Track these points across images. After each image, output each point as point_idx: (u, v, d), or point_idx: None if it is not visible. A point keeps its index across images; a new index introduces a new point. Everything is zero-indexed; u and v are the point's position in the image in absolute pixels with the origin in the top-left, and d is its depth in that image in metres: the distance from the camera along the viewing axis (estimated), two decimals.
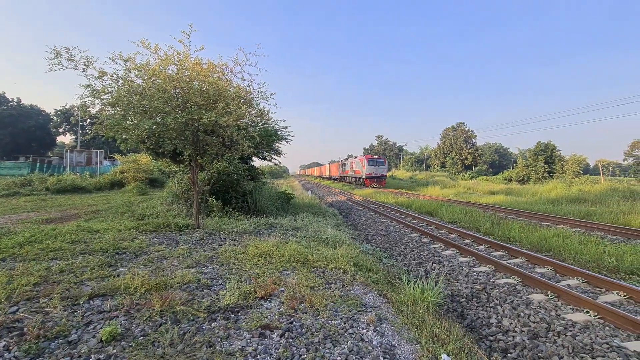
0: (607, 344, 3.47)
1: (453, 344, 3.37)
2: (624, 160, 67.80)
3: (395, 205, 17.38)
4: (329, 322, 3.35)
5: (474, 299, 5.01)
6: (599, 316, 4.04)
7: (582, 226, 10.06)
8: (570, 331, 3.77)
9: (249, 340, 2.84)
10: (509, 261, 6.60)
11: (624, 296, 4.70)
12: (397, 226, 10.95)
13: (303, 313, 3.51)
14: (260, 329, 3.05)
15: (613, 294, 4.81)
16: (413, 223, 11.42)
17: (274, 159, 16.26)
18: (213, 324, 3.09)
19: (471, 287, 5.33)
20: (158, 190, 20.32)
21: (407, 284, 4.80)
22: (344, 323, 3.37)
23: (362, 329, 3.32)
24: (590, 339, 3.57)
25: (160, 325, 2.99)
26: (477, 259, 6.63)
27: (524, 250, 7.16)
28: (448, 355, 3.13)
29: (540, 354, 3.56)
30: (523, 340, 3.82)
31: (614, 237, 8.51)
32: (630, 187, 22.55)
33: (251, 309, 3.49)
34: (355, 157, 40.97)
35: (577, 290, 4.96)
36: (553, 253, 7.48)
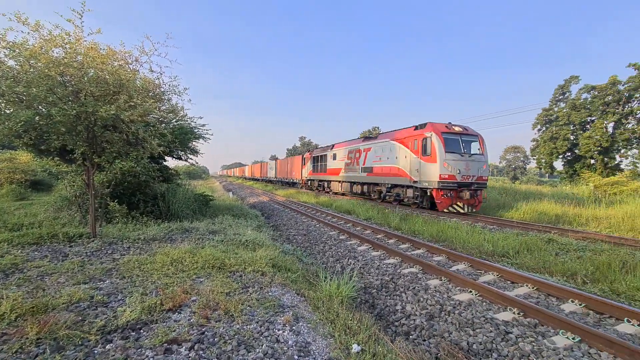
0: (484, 317, 4.17)
1: (363, 333, 3.62)
2: (499, 162, 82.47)
3: (317, 205, 17.90)
4: (245, 327, 3.28)
5: (383, 289, 5.49)
6: (479, 294, 4.83)
7: (469, 218, 11.87)
8: (458, 309, 4.42)
9: (151, 359, 2.60)
10: (412, 252, 7.40)
11: (497, 275, 5.71)
12: (318, 225, 11.31)
13: (217, 321, 3.36)
14: (166, 344, 2.81)
15: (490, 274, 5.80)
16: (332, 222, 11.93)
17: (191, 158, 15.18)
18: (108, 346, 2.73)
19: (381, 279, 5.82)
20: (44, 194, 17.08)
21: (324, 281, 4.99)
22: (260, 326, 3.33)
23: (279, 330, 3.33)
24: (472, 315, 4.24)
25: (37, 356, 2.52)
26: (387, 252, 7.28)
27: (426, 242, 8.12)
28: (358, 344, 3.36)
29: (434, 333, 4.09)
30: (422, 322, 4.34)
31: (492, 226, 10.26)
32: (503, 185, 27.78)
33: (157, 323, 3.19)
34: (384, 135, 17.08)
35: (464, 274, 5.84)
36: (448, 243, 8.65)
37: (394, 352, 3.27)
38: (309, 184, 28.43)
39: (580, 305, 4.44)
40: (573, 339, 3.54)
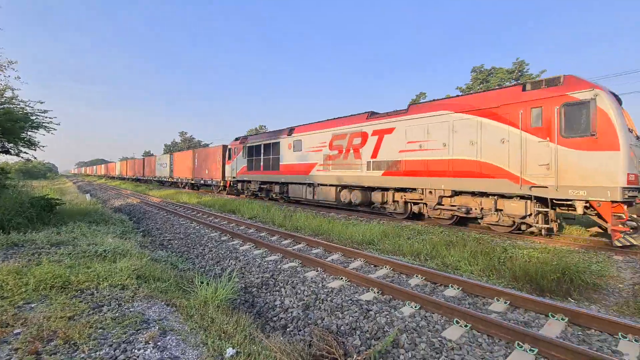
0: (351, 299, 4.67)
1: (239, 335, 3.55)
2: None
3: (198, 206, 16.65)
4: (92, 355, 2.76)
5: (264, 287, 5.52)
6: (348, 280, 5.39)
7: (344, 212, 13.15)
8: (330, 296, 4.82)
9: None
10: (294, 247, 7.70)
11: (364, 261, 6.50)
12: (198, 227, 10.52)
13: (51, 355, 2.72)
14: None
15: (358, 260, 6.55)
16: (215, 222, 11.31)
17: (25, 152, 12.02)
18: None
19: (262, 276, 5.84)
20: None
21: (200, 286, 4.67)
22: (114, 350, 2.87)
23: (139, 349, 2.94)
24: (342, 299, 4.70)
25: None
26: (269, 249, 7.36)
27: (306, 237, 8.57)
28: (233, 347, 3.27)
29: (309, 321, 4.34)
30: (299, 314, 4.55)
31: (362, 219, 11.63)
32: None
33: None
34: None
35: (337, 263, 6.42)
36: (326, 236, 9.36)
37: (269, 348, 3.31)
38: (240, 188, 19.80)
39: (422, 278, 5.48)
40: (415, 307, 4.34)
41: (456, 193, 9.40)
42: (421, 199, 10.17)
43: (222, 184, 22.13)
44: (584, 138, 7.03)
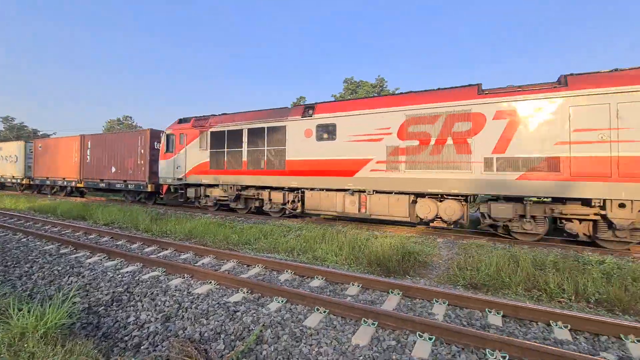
0: (218, 303, 4.51)
1: None
2: None
3: (29, 212, 13.11)
4: None
5: (115, 303, 4.75)
6: (218, 283, 5.18)
7: (220, 215, 12.64)
8: (195, 303, 4.53)
9: None
10: (158, 255, 6.93)
11: (237, 262, 6.39)
12: (25, 239, 8.26)
13: None
14: None
15: (231, 262, 6.39)
16: (53, 232, 9.12)
17: None
18: None
19: (113, 292, 5.02)
20: None
21: (16, 315, 3.67)
22: None
23: None
24: (208, 304, 4.48)
25: None
26: (126, 259, 6.40)
27: (176, 242, 7.84)
28: None
29: (169, 334, 3.98)
30: (157, 328, 4.11)
31: (240, 219, 11.41)
32: None
33: None
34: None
35: (208, 267, 6.10)
36: (199, 239, 8.78)
37: None
38: (195, 195, 13.44)
39: (291, 273, 5.75)
40: (282, 301, 4.52)
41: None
42: (597, 215, 7.17)
43: (149, 189, 15.02)
44: None
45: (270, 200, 11.53)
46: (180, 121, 14.05)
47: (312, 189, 10.51)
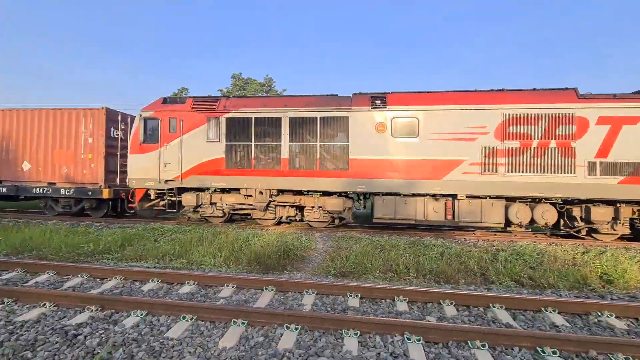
0: (53, 329, 3.69)
1: None
2: None
3: None
4: None
5: None
6: (54, 304, 4.23)
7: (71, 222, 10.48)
8: (18, 334, 3.59)
9: None
10: None
11: (87, 276, 5.36)
12: None
13: None
14: None
15: (78, 277, 5.33)
16: None
17: None
18: None
19: None
20: None
21: None
22: None
23: None
24: (37, 332, 3.61)
25: None
26: None
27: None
28: None
29: None
30: None
31: (100, 224, 9.68)
32: None
33: None
34: None
35: (44, 286, 4.94)
36: (37, 252, 7.05)
37: None
38: (196, 203, 9.73)
39: (158, 281, 5.19)
40: (142, 314, 4.02)
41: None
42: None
43: (104, 195, 10.39)
44: None
45: (320, 207, 9.38)
46: (167, 101, 10.23)
47: (387, 194, 8.95)
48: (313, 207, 9.38)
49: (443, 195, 8.66)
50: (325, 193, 9.31)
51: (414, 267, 6.08)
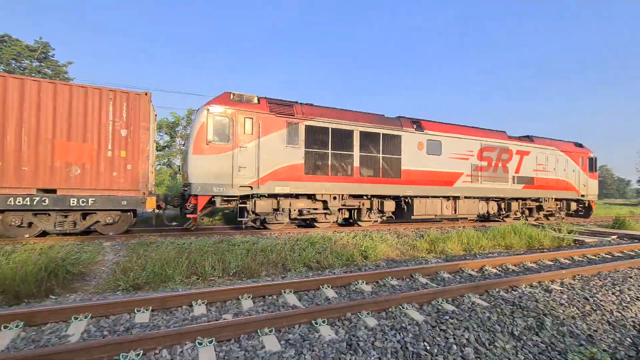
0: None
1: None
2: None
3: None
4: None
5: None
6: None
7: None
8: None
9: None
10: None
11: None
12: None
13: None
14: None
15: None
16: None
17: None
18: None
19: None
20: None
21: None
22: None
23: None
24: None
25: None
26: None
27: None
28: None
29: None
30: None
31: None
32: None
33: None
34: None
35: None
36: None
37: None
38: (274, 208, 9.32)
39: None
40: None
41: (553, 200, 15.04)
42: (539, 203, 14.62)
43: (146, 206, 8.06)
44: (591, 174, 16.40)
45: (378, 209, 11.01)
46: (235, 98, 9.07)
47: (422, 197, 11.42)
48: (369, 208, 10.94)
49: (452, 197, 12.08)
50: (385, 197, 11.06)
51: (220, 266, 6.04)
